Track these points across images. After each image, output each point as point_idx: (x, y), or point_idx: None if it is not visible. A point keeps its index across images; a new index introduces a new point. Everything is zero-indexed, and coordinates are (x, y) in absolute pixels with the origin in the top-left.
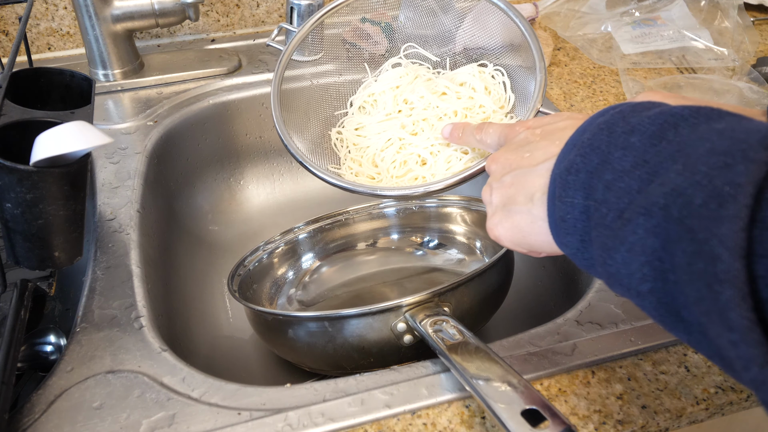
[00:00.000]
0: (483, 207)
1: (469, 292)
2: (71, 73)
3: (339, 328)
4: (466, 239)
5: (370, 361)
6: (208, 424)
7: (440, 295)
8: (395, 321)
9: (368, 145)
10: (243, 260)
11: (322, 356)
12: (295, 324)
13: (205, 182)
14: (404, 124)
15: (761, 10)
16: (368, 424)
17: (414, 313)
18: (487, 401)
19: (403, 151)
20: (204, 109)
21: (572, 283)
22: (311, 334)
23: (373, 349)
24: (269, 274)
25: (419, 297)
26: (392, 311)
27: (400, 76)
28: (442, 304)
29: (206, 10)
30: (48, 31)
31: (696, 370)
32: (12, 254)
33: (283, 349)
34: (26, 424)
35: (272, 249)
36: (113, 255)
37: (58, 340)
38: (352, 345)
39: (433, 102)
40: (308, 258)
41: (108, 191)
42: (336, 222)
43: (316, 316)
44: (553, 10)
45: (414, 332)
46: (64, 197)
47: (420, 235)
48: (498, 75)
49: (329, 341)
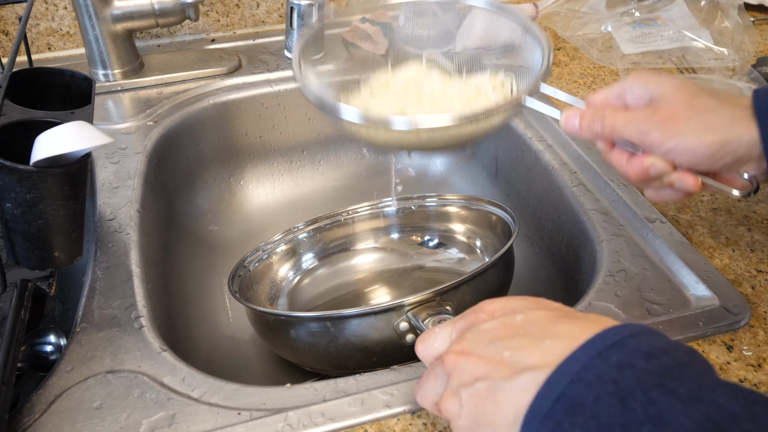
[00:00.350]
0: (483, 206)
1: (470, 291)
2: (71, 73)
3: (341, 328)
4: (466, 238)
5: (372, 360)
6: (208, 424)
7: (442, 294)
8: (397, 320)
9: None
10: (243, 261)
11: (324, 356)
12: (297, 324)
13: (205, 182)
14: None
15: (761, 10)
16: (368, 424)
17: (416, 312)
18: None
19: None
20: (204, 109)
21: (572, 283)
22: (313, 334)
23: (376, 349)
24: (269, 275)
25: (421, 296)
26: (394, 311)
27: (416, 71)
28: (444, 303)
29: (206, 10)
30: (48, 31)
31: None
32: (12, 254)
33: (285, 350)
34: (26, 424)
35: (272, 249)
36: (113, 255)
37: (58, 340)
38: (355, 345)
39: (441, 90)
40: (308, 258)
41: (108, 191)
42: (336, 222)
43: (318, 316)
44: (553, 10)
45: (416, 331)
46: (64, 197)
47: (420, 235)
48: (507, 80)
49: (331, 341)
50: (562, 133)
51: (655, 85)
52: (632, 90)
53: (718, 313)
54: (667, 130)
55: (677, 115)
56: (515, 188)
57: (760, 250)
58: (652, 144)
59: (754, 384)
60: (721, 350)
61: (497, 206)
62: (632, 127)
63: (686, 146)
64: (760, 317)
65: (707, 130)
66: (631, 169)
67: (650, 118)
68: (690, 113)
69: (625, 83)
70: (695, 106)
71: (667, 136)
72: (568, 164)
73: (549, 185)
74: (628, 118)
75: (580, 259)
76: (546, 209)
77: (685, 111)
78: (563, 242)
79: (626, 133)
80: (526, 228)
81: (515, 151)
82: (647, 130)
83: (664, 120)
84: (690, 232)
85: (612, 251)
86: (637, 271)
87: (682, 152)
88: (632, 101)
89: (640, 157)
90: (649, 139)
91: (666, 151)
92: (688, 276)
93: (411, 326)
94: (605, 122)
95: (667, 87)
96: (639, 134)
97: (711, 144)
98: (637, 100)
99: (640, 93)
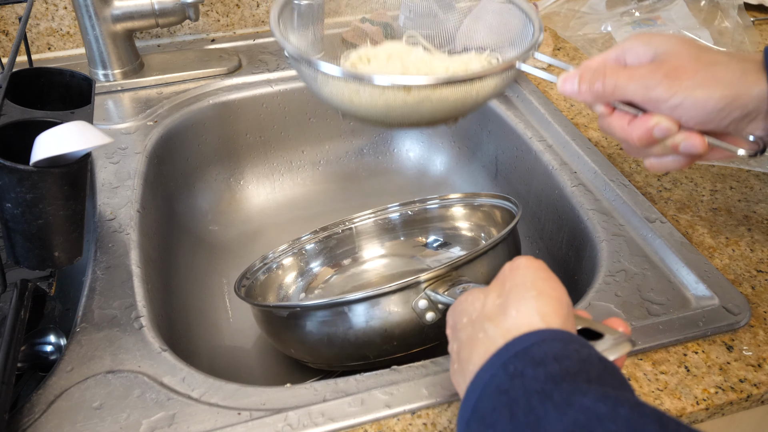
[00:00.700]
0: (485, 200)
1: (484, 264)
2: (71, 73)
3: (358, 313)
4: (471, 233)
5: (393, 345)
6: (208, 424)
7: (457, 268)
8: (416, 299)
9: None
10: (250, 269)
11: (342, 347)
12: (313, 315)
13: (205, 182)
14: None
15: (761, 10)
16: (368, 424)
17: (434, 287)
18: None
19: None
20: (204, 109)
21: (572, 282)
22: (330, 323)
23: (396, 331)
24: (276, 284)
25: (437, 271)
26: (412, 288)
27: (398, 47)
28: (460, 277)
29: (206, 10)
30: (48, 31)
31: (696, 370)
32: (12, 254)
33: (300, 347)
34: (26, 424)
35: (279, 259)
36: (113, 255)
37: (58, 340)
38: (374, 329)
39: (427, 63)
40: (315, 266)
41: (108, 191)
42: (341, 230)
43: (334, 302)
44: (553, 10)
45: (437, 307)
46: (64, 197)
47: (424, 236)
48: (494, 57)
49: (349, 329)
50: (562, 133)
51: (659, 42)
52: (634, 49)
53: (718, 313)
54: (674, 84)
55: (685, 68)
56: (515, 188)
57: (760, 250)
58: (657, 99)
59: (754, 384)
60: (721, 350)
61: (497, 197)
62: (636, 84)
63: (694, 100)
64: (760, 317)
65: (717, 83)
66: (633, 131)
67: (656, 71)
68: (698, 66)
69: (625, 44)
70: (703, 59)
71: (674, 90)
72: (568, 164)
73: (549, 185)
74: (632, 74)
75: (580, 259)
76: (546, 209)
77: (692, 64)
78: (563, 242)
79: (630, 90)
80: (526, 228)
81: (515, 151)
82: (652, 85)
83: (670, 73)
84: (690, 232)
85: (612, 251)
86: (637, 271)
87: (689, 108)
88: (634, 60)
89: (643, 117)
90: (655, 94)
91: (672, 106)
92: (688, 276)
93: (431, 303)
94: (606, 80)
95: (672, 42)
96: (644, 90)
97: (721, 98)
98: (639, 58)
99: (642, 51)
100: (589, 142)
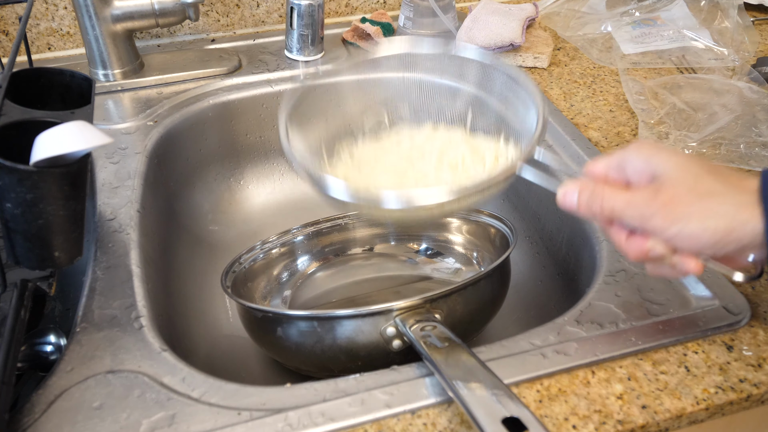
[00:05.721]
0: (482, 218)
1: (461, 301)
2: (71, 73)
3: (328, 328)
4: (463, 249)
5: (357, 364)
6: (208, 424)
7: (432, 301)
8: (385, 325)
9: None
10: (238, 258)
11: (309, 357)
12: (285, 322)
13: (205, 182)
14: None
15: (761, 10)
16: (368, 424)
17: (404, 318)
18: (468, 407)
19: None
20: (204, 109)
21: (572, 282)
22: (300, 334)
23: (361, 353)
24: (264, 274)
25: (410, 302)
26: (383, 315)
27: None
28: (434, 311)
29: (206, 10)
30: (48, 31)
31: (696, 370)
32: (12, 254)
33: (272, 348)
34: (26, 424)
35: (268, 249)
36: (113, 255)
37: (58, 340)
38: (341, 347)
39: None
40: (304, 260)
41: (108, 191)
42: (334, 226)
43: (307, 315)
44: (553, 10)
45: (403, 338)
46: (64, 197)
47: (417, 243)
48: (511, 147)
49: (318, 342)
50: (563, 133)
51: (658, 161)
52: (633, 163)
53: (718, 313)
54: (670, 216)
55: (680, 200)
56: (515, 188)
57: None
58: (654, 230)
59: (754, 384)
60: (721, 350)
61: (496, 218)
62: (633, 211)
63: (689, 233)
64: (760, 317)
65: (711, 216)
66: (630, 248)
67: (652, 201)
68: (694, 199)
69: (626, 154)
70: (699, 190)
71: (669, 222)
72: (568, 164)
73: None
74: (629, 201)
75: (580, 259)
76: (546, 209)
77: (688, 196)
78: (563, 242)
79: (627, 216)
80: (526, 228)
81: None
82: (649, 215)
83: (666, 204)
84: None
85: (612, 251)
86: (637, 271)
87: (685, 239)
88: (633, 176)
89: (639, 238)
90: (650, 225)
91: (668, 237)
92: (687, 276)
93: (398, 332)
94: (605, 204)
95: (670, 165)
96: (640, 219)
97: (715, 232)
98: (639, 175)
99: (641, 167)
100: (589, 142)
